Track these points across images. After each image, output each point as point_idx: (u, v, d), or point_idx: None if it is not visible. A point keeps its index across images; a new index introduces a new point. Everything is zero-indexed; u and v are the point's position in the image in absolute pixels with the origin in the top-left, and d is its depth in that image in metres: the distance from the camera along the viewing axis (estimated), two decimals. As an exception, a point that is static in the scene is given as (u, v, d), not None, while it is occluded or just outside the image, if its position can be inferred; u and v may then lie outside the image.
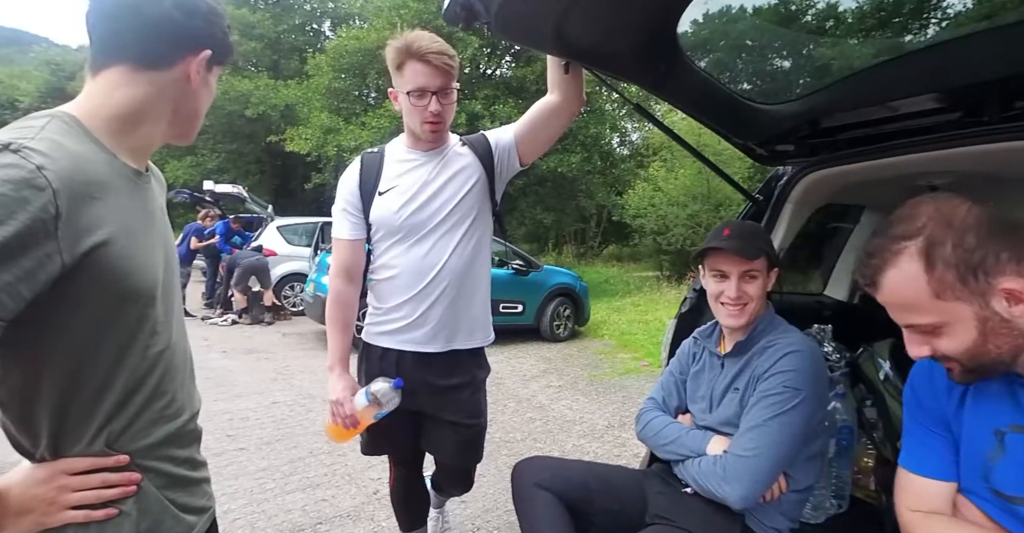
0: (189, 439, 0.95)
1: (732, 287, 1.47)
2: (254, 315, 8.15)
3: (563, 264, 13.20)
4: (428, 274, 1.64)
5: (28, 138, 0.70)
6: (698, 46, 1.71)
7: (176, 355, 0.91)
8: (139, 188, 0.85)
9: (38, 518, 0.75)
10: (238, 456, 3.47)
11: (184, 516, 0.90)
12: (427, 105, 1.55)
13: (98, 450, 0.79)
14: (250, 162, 18.57)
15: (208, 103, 0.95)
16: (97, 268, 0.73)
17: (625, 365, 6.25)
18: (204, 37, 0.88)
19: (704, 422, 1.54)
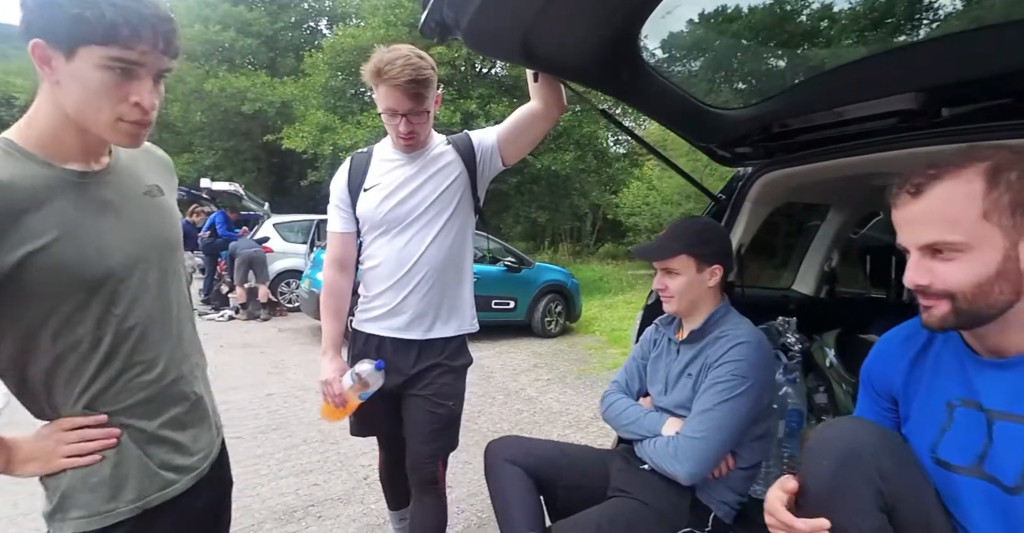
0: (173, 400, 1.04)
1: (656, 280, 1.65)
2: (250, 311, 8.26)
3: (559, 262, 13.31)
4: (406, 264, 1.75)
5: None
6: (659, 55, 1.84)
7: (157, 324, 1.01)
8: (87, 186, 0.93)
9: (41, 465, 0.93)
10: (233, 444, 3.52)
11: (161, 472, 1.01)
12: (398, 125, 1.66)
13: (79, 411, 0.94)
14: (247, 160, 18.62)
15: (89, 98, 0.86)
16: (42, 267, 0.85)
17: (614, 360, 6.38)
18: (31, 27, 0.83)
19: (660, 404, 1.67)
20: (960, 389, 0.98)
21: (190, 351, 1.11)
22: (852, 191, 2.44)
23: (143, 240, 0.99)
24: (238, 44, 18.08)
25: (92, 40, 0.82)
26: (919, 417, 1.06)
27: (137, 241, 0.98)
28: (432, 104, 1.70)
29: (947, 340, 1.04)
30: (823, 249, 2.78)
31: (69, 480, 0.94)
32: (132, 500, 0.97)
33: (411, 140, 1.70)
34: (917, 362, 1.08)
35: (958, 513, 0.96)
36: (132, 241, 0.97)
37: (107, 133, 0.90)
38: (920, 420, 1.05)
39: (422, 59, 1.61)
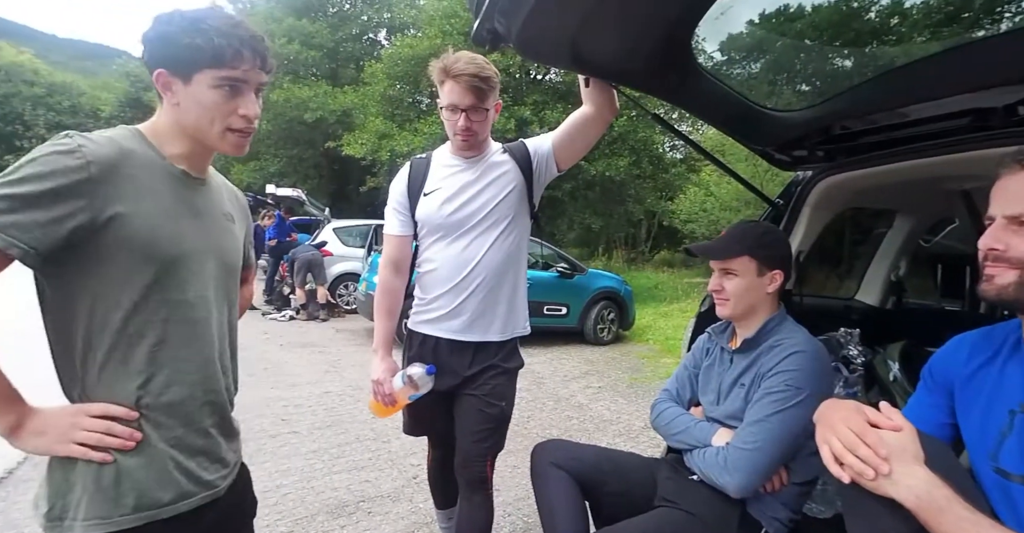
0: (204, 411, 1.05)
1: (712, 280, 1.60)
2: (310, 312, 8.58)
3: (613, 269, 13.17)
4: (465, 268, 1.79)
5: (86, 133, 0.93)
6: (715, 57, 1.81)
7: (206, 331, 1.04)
8: (185, 186, 1.03)
9: (50, 443, 0.90)
10: (291, 439, 3.74)
11: (180, 482, 0.99)
12: (457, 120, 1.71)
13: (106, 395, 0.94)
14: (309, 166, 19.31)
15: (205, 115, 0.98)
16: (120, 231, 0.91)
17: (667, 369, 6.25)
18: (155, 59, 0.96)
19: (712, 414, 1.63)
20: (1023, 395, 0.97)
21: (228, 371, 1.13)
22: (921, 196, 2.31)
23: (212, 251, 1.07)
24: (302, 56, 18.80)
25: (205, 65, 0.95)
26: (980, 423, 1.04)
27: (207, 250, 1.05)
28: (492, 107, 1.75)
29: (1017, 350, 1.03)
30: (890, 257, 2.64)
31: (82, 481, 0.92)
32: (141, 508, 0.94)
33: (468, 137, 1.74)
34: (985, 366, 1.07)
35: (1014, 523, 0.92)
36: (204, 247, 1.04)
37: (218, 143, 1.02)
38: (981, 426, 1.04)
39: (487, 63, 1.69)
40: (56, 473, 0.94)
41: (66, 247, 0.87)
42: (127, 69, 37.65)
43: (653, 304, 11.11)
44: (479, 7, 1.30)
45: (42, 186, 0.84)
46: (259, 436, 3.73)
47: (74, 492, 0.92)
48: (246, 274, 1.30)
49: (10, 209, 0.82)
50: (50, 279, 0.92)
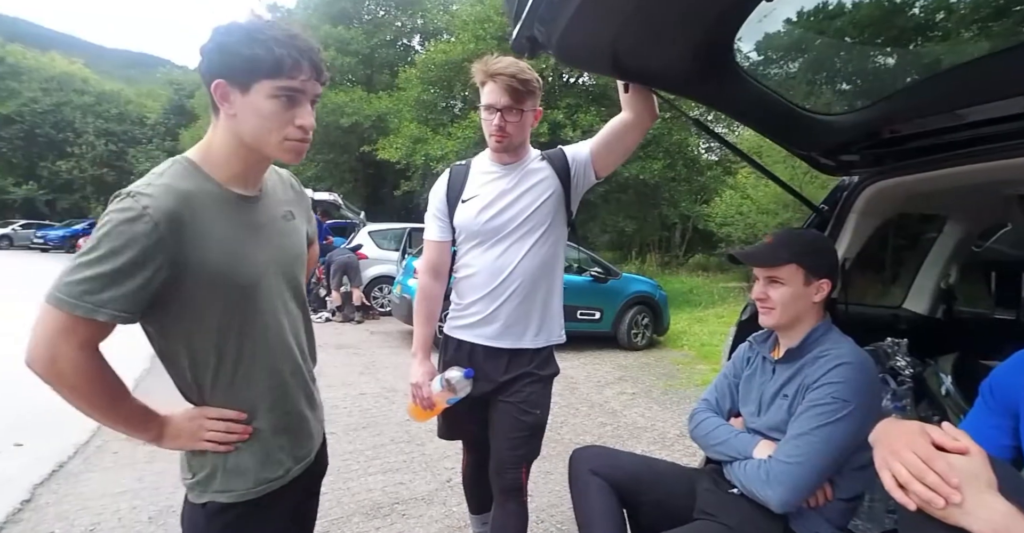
0: (295, 397, 1.19)
1: (757, 288, 1.56)
2: (346, 314, 8.74)
3: (646, 273, 13.03)
4: (501, 274, 1.80)
5: (145, 185, 0.96)
6: (755, 59, 1.77)
7: (285, 329, 1.15)
8: (243, 208, 1.08)
9: (184, 442, 1.08)
10: (328, 439, 3.77)
11: (283, 461, 1.16)
12: (493, 120, 1.73)
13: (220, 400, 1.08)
14: (344, 171, 19.67)
15: (264, 124, 1.00)
16: (197, 274, 0.98)
17: (703, 376, 6.14)
18: (213, 71, 0.98)
19: (753, 425, 1.59)
20: None
21: (307, 352, 1.26)
22: (975, 201, 2.23)
23: (279, 257, 1.14)
24: (337, 62, 19.17)
25: (263, 75, 0.96)
26: None
27: (275, 259, 1.12)
28: (530, 111, 1.76)
29: None
30: (939, 264, 2.55)
31: (212, 461, 1.09)
32: (259, 482, 1.11)
33: (501, 138, 1.75)
34: None
35: None
36: (272, 257, 1.12)
37: (275, 152, 1.04)
38: None
39: (529, 68, 1.71)
40: (193, 454, 1.11)
41: (155, 298, 0.96)
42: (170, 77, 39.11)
43: (688, 309, 10.95)
44: (518, 15, 1.31)
45: (123, 259, 0.90)
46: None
47: (207, 469, 1.10)
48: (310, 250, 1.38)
49: (103, 287, 0.90)
50: (149, 323, 1.02)
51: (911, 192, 1.89)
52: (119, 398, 1.01)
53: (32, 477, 3.07)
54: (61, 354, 0.91)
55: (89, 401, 0.97)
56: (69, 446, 3.47)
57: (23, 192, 32.14)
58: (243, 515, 1.10)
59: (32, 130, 32.54)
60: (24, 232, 26.50)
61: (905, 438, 0.93)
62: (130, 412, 1.03)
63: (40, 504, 2.81)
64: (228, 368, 1.07)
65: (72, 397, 0.95)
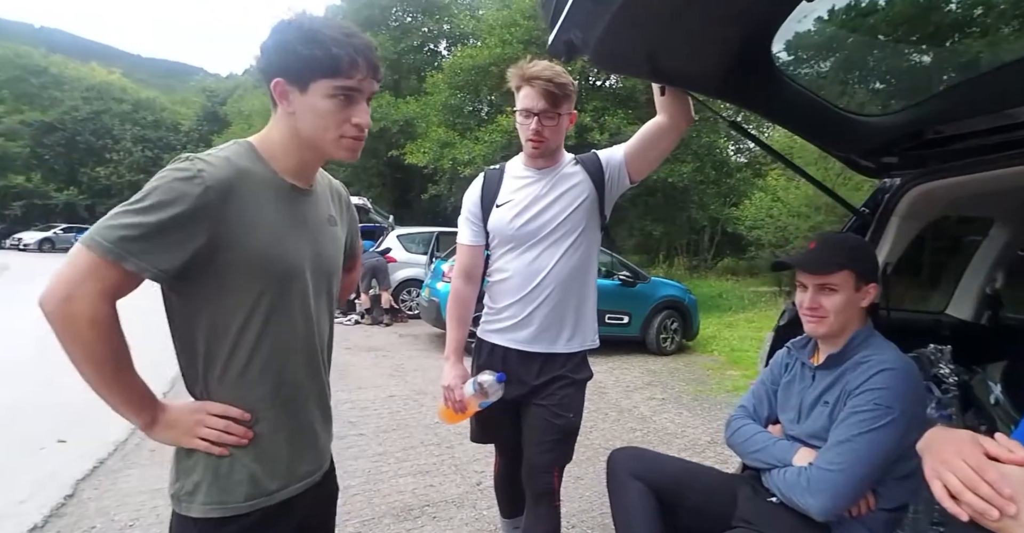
0: (307, 407, 1.13)
1: (807, 297, 1.50)
2: (374, 316, 8.83)
3: (674, 277, 12.89)
4: (535, 279, 1.80)
5: (207, 154, 0.98)
6: (794, 61, 1.75)
7: (311, 332, 1.11)
8: (294, 199, 1.08)
9: (178, 435, 1.01)
10: (358, 441, 3.84)
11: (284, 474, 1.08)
12: (530, 124, 1.73)
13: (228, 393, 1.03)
14: (372, 175, 19.89)
15: (321, 123, 1.00)
16: (236, 250, 0.97)
17: (733, 382, 6.05)
18: (272, 69, 0.99)
19: (792, 433, 1.56)
20: None
21: (326, 365, 1.21)
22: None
23: (318, 258, 1.12)
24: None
25: (322, 74, 0.97)
26: None
27: (313, 257, 1.11)
28: (566, 115, 1.76)
29: None
30: (984, 269, 2.46)
31: (202, 466, 1.02)
32: (251, 496, 1.04)
33: (538, 143, 1.75)
34: None
35: None
36: (311, 255, 1.10)
37: (332, 149, 1.04)
38: None
39: (564, 71, 1.72)
40: (182, 459, 1.05)
41: (189, 265, 0.94)
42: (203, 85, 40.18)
43: (717, 314, 10.80)
44: (555, 19, 1.31)
45: (168, 213, 0.90)
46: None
47: (194, 477, 1.03)
48: (351, 263, 1.37)
49: (141, 236, 0.89)
50: (175, 292, 1.00)
51: (956, 194, 1.84)
52: (122, 365, 0.95)
53: (74, 473, 3.18)
54: (79, 295, 0.87)
55: (94, 357, 0.91)
56: (109, 443, 3.58)
57: (64, 197, 33.26)
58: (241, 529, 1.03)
59: (73, 137, 33.75)
60: (65, 235, 27.56)
61: (956, 447, 0.90)
62: (130, 385, 0.97)
63: (82, 499, 2.91)
64: (241, 358, 1.01)
65: (77, 349, 0.90)
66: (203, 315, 1.00)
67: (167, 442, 1.03)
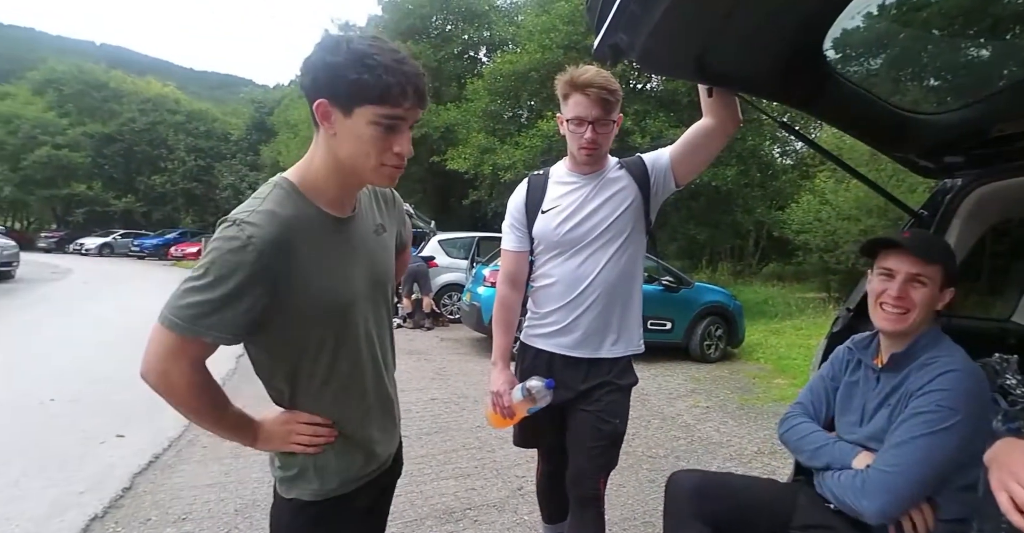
0: (377, 409, 1.23)
1: (896, 287, 1.41)
2: (416, 320, 8.95)
3: (718, 282, 12.62)
4: (581, 284, 1.80)
5: (249, 212, 0.98)
6: (848, 58, 1.69)
7: (375, 342, 1.19)
8: (339, 231, 1.10)
9: (277, 444, 1.13)
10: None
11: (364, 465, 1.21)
12: (583, 133, 1.72)
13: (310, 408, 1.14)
14: (414, 181, 20.16)
15: (362, 149, 0.99)
16: (297, 300, 1.02)
17: (781, 391, 5.88)
18: (318, 89, 0.97)
19: (852, 436, 1.50)
20: None
21: (390, 364, 1.30)
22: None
23: (372, 276, 1.17)
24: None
25: (368, 101, 0.95)
26: None
27: (367, 277, 1.16)
28: (616, 120, 1.75)
29: None
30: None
31: (301, 461, 1.15)
32: (341, 483, 1.16)
33: (593, 150, 1.75)
34: None
35: None
36: (365, 275, 1.15)
37: (371, 176, 1.04)
38: None
39: (612, 77, 1.71)
40: (285, 457, 1.17)
41: (259, 322, 1.01)
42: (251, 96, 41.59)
43: (763, 320, 10.52)
44: (600, 23, 1.31)
45: (229, 286, 0.94)
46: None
47: (295, 468, 1.15)
48: (402, 249, 1.41)
49: (210, 312, 0.95)
50: (249, 345, 1.08)
51: (1022, 195, 1.74)
52: (222, 408, 1.08)
53: (132, 467, 3.32)
54: (172, 370, 0.98)
55: (197, 412, 1.05)
56: (164, 439, 3.73)
57: (122, 204, 34.85)
58: (324, 511, 1.16)
59: (131, 147, 35.36)
60: (123, 241, 29.02)
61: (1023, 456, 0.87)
62: (232, 420, 1.11)
63: (138, 492, 3.04)
64: (316, 384, 1.12)
65: (182, 407, 1.02)
66: (276, 355, 1.09)
67: (272, 450, 1.17)
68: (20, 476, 3.12)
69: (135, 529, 2.66)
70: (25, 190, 33.24)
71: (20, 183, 32.63)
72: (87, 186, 34.45)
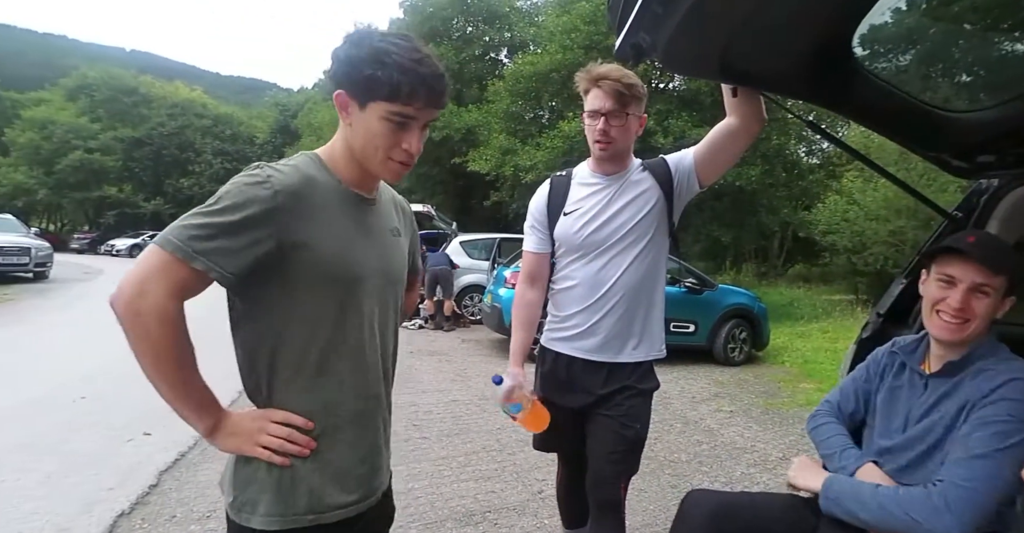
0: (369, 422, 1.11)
1: (957, 297, 1.32)
2: (437, 322, 8.98)
3: (742, 284, 12.43)
4: (602, 287, 1.78)
5: (274, 163, 1.02)
6: (876, 55, 1.64)
7: (373, 344, 1.10)
8: (359, 208, 1.09)
9: (239, 443, 0.99)
10: (421, 444, 3.91)
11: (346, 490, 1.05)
12: (597, 125, 1.72)
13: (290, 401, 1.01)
14: (436, 183, 20.27)
15: (371, 143, 1.01)
16: (303, 257, 0.98)
17: (807, 395, 5.76)
18: (341, 79, 1.00)
19: (890, 441, 1.43)
20: None
21: (390, 378, 1.19)
22: None
23: (382, 266, 1.13)
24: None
25: (380, 97, 0.97)
26: None
27: (378, 265, 1.11)
28: (635, 116, 1.74)
29: None
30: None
31: (262, 476, 1.00)
32: (312, 510, 1.01)
33: (606, 144, 1.73)
34: None
35: None
36: (376, 266, 1.10)
37: (377, 169, 1.05)
38: None
39: (633, 74, 1.72)
40: (241, 468, 1.03)
41: (256, 270, 0.95)
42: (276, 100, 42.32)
43: (788, 323, 10.34)
44: (622, 23, 1.28)
45: (237, 215, 0.92)
46: (393, 438, 3.91)
47: (255, 487, 1.01)
48: (412, 280, 1.36)
49: (211, 236, 0.90)
50: (241, 298, 1.01)
51: (1065, 196, 1.68)
52: (186, 365, 0.94)
53: (158, 464, 3.38)
54: (149, 291, 0.88)
55: (158, 353, 0.90)
56: (190, 437, 3.77)
57: (151, 207, 35.70)
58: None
59: (159, 151, 36.22)
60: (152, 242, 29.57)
61: None
62: (193, 386, 0.96)
63: (164, 489, 3.09)
64: (307, 367, 1.01)
65: (142, 345, 0.90)
66: (268, 322, 1.00)
67: (228, 450, 1.02)
68: (52, 472, 3.19)
69: (161, 526, 2.70)
70: (59, 193, 34.33)
71: (54, 186, 33.70)
72: (118, 189, 35.43)
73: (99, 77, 39.20)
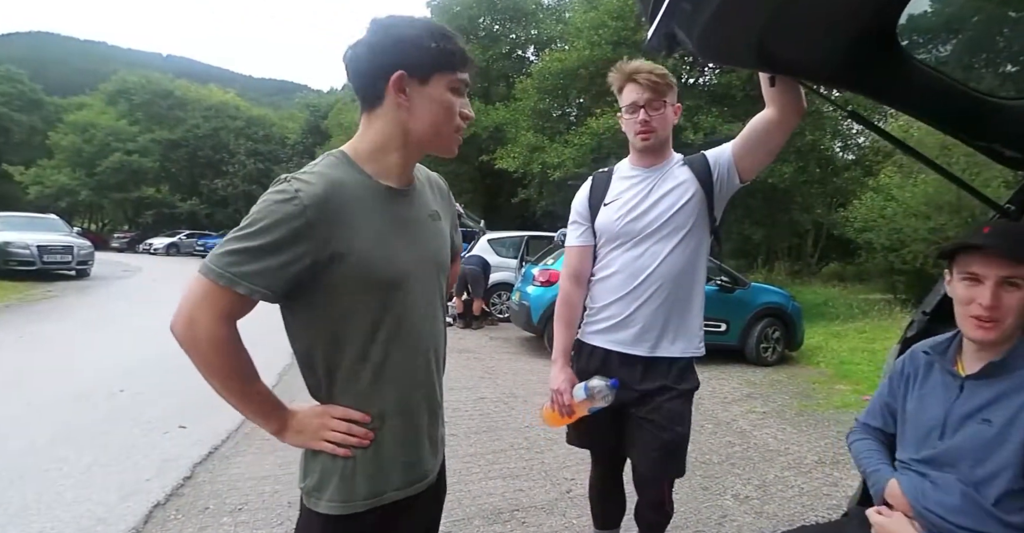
0: (423, 409, 1.14)
1: (986, 294, 1.23)
2: (467, 320, 9.00)
3: (774, 282, 12.15)
4: (639, 276, 1.77)
5: (301, 173, 1.01)
6: (924, 41, 1.58)
7: (423, 333, 1.12)
8: (393, 202, 1.08)
9: (306, 439, 1.07)
10: (450, 441, 3.85)
11: (404, 475, 1.11)
12: (638, 117, 1.74)
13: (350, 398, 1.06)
14: (464, 181, 20.34)
15: (443, 114, 1.05)
16: (342, 267, 0.98)
17: (843, 397, 5.60)
18: (393, 61, 1.00)
19: (927, 452, 1.34)
20: None
21: (441, 365, 1.22)
22: None
23: (424, 257, 1.13)
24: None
25: (447, 68, 1.03)
26: None
27: (420, 257, 1.11)
28: (671, 104, 1.77)
29: None
30: None
31: (325, 466, 1.07)
32: (373, 494, 1.07)
33: (648, 133, 1.75)
34: None
35: None
36: (417, 256, 1.11)
37: (447, 141, 1.09)
38: None
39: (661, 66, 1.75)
40: (310, 459, 1.10)
41: (297, 286, 0.98)
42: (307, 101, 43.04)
43: (823, 323, 10.08)
44: (654, 13, 1.25)
45: (270, 237, 0.93)
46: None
47: (323, 475, 1.08)
48: (453, 256, 1.35)
49: (248, 260, 0.93)
50: (289, 310, 1.04)
51: None
52: (247, 379, 1.02)
53: (192, 457, 3.45)
54: (199, 320, 0.94)
55: (220, 375, 0.98)
56: (223, 431, 3.86)
57: (187, 207, 36.64)
58: (355, 527, 1.07)
59: (195, 152, 37.15)
60: (188, 240, 30.78)
61: None
62: (256, 396, 1.04)
63: (198, 481, 3.15)
64: (364, 369, 1.05)
65: (204, 367, 0.97)
66: (319, 327, 1.04)
67: (296, 445, 1.09)
68: (92, 462, 3.29)
69: (194, 517, 2.75)
70: (100, 194, 35.53)
71: (95, 187, 34.87)
72: (155, 189, 36.47)
73: (137, 82, 40.27)
